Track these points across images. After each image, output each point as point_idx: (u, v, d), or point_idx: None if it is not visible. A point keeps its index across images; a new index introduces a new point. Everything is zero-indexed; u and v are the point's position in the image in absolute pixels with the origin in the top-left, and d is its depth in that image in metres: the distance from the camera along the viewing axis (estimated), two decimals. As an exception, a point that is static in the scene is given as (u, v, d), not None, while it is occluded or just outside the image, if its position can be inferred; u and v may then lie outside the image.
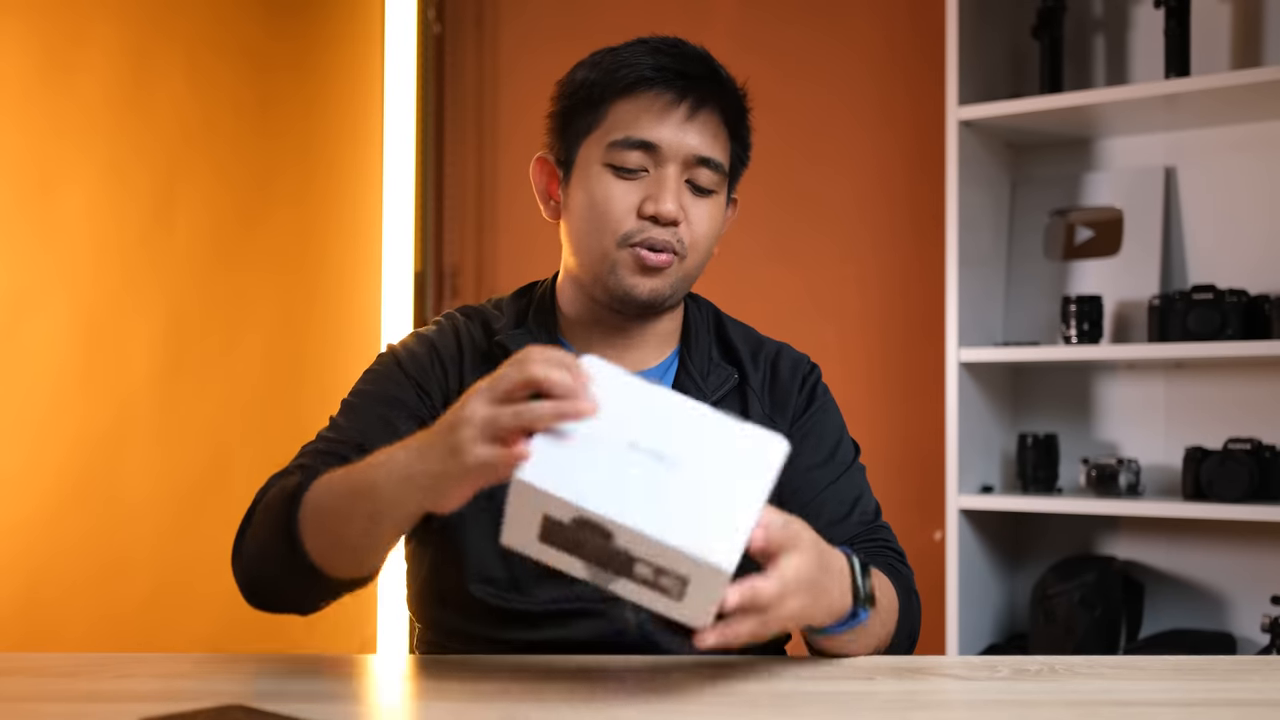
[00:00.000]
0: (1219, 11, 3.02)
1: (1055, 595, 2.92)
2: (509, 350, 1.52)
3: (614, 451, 1.10)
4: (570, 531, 1.07)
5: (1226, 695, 1.23)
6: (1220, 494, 2.77)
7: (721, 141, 1.52)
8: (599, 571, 1.09)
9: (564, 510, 1.07)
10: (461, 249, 3.94)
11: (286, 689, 1.20)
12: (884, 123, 3.42)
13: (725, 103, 1.53)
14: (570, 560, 1.09)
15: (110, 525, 2.94)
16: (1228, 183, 3.02)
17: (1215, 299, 2.79)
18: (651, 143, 1.47)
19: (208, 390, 3.19)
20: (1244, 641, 2.93)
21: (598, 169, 1.50)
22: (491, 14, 3.94)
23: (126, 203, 3.00)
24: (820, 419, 1.61)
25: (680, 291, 1.53)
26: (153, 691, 1.17)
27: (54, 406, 2.84)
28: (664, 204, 1.46)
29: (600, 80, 1.51)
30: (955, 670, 1.31)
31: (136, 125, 3.03)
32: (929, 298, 3.23)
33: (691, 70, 1.49)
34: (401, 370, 1.53)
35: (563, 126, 1.55)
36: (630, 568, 1.08)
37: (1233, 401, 2.99)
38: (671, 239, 1.48)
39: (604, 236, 1.49)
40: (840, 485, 1.57)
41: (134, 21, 3.01)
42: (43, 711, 1.11)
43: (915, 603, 1.50)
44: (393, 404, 1.49)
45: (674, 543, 1.06)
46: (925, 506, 3.23)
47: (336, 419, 1.51)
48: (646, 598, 1.09)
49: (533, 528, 1.08)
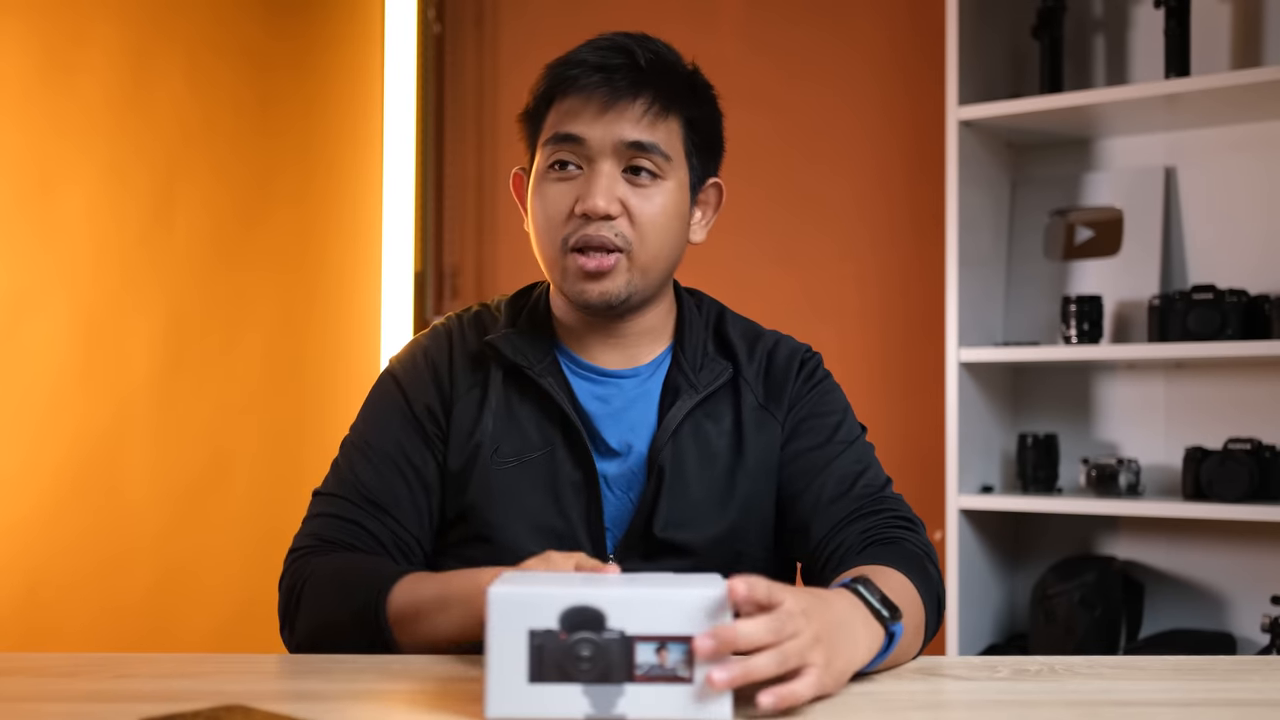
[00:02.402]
0: (1219, 11, 3.02)
1: (1055, 595, 2.91)
2: (498, 350, 1.53)
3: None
4: (558, 641, 1.05)
5: (1226, 695, 1.22)
6: (1220, 494, 2.77)
7: (657, 125, 1.48)
8: (600, 693, 1.05)
9: (550, 609, 1.05)
10: (461, 249, 3.94)
11: (286, 689, 1.20)
12: (884, 123, 3.42)
13: (653, 85, 1.48)
14: (567, 693, 1.05)
15: (109, 523, 2.94)
16: (1228, 183, 3.02)
17: (1215, 299, 2.79)
18: (574, 135, 1.47)
19: (207, 389, 3.19)
20: (1244, 641, 2.93)
21: (541, 175, 1.51)
22: (491, 14, 3.94)
23: (126, 202, 3.00)
24: (819, 401, 1.60)
25: (641, 287, 1.51)
26: (152, 691, 1.17)
27: (53, 405, 2.84)
28: (590, 199, 1.45)
29: (542, 87, 1.52)
30: (955, 670, 1.31)
31: (136, 125, 3.03)
32: (929, 297, 3.23)
33: (610, 61, 1.47)
34: (404, 397, 1.55)
35: (525, 133, 1.57)
36: (631, 661, 1.05)
37: (1233, 401, 2.98)
38: (609, 234, 1.46)
39: (551, 244, 1.50)
40: (842, 461, 1.55)
41: (134, 21, 3.01)
42: (42, 711, 1.11)
43: (934, 572, 1.46)
44: (399, 450, 1.52)
45: (668, 591, 1.06)
46: (925, 506, 3.22)
47: (348, 470, 1.53)
48: (658, 703, 1.05)
49: (519, 664, 1.05)
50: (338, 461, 1.55)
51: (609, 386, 1.56)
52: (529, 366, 1.52)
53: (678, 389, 1.55)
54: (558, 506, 1.50)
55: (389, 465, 1.52)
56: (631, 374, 1.57)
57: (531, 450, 1.51)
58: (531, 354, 1.53)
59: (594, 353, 1.57)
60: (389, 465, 1.52)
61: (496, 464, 1.50)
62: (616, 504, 1.52)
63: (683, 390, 1.55)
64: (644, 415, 1.55)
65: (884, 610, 1.21)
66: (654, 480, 1.51)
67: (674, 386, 1.56)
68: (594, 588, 1.06)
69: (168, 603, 3.06)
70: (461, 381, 1.54)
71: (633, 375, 1.57)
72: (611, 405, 1.55)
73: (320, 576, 1.44)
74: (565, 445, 1.51)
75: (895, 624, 1.22)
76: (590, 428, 1.53)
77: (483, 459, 1.50)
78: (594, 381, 1.56)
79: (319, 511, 1.52)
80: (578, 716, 1.05)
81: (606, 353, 1.57)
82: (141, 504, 3.02)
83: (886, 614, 1.21)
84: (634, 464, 1.53)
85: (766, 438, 1.57)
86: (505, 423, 1.52)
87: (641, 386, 1.57)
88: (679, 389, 1.55)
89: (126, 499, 2.99)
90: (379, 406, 1.57)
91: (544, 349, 1.55)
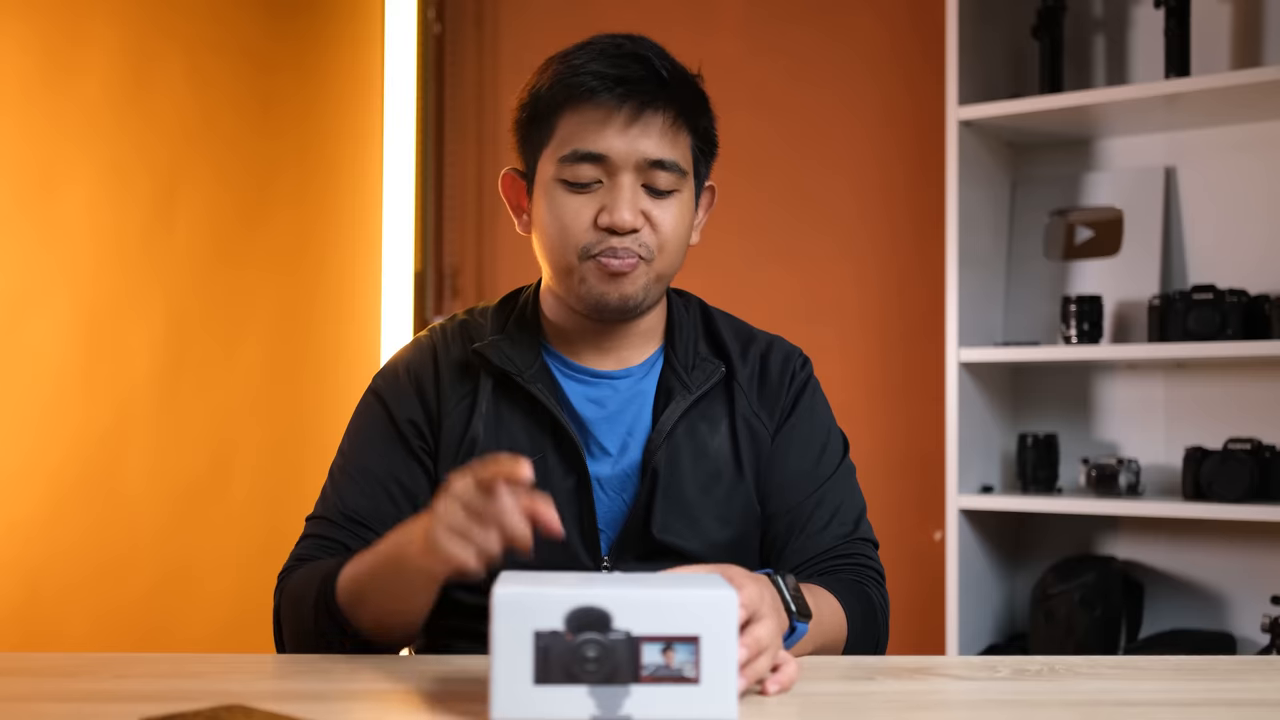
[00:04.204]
0: (1219, 11, 3.02)
1: (1055, 595, 2.91)
2: (486, 359, 1.53)
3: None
4: (564, 642, 1.04)
5: (1227, 695, 1.22)
6: (1220, 494, 2.76)
7: (675, 139, 1.48)
8: (606, 694, 1.05)
9: (555, 610, 1.05)
10: (461, 249, 3.94)
11: (286, 689, 1.20)
12: (884, 123, 3.42)
13: (675, 99, 1.48)
14: (573, 694, 1.05)
15: (110, 523, 2.94)
16: (1228, 183, 3.02)
17: (1215, 299, 2.79)
18: (598, 154, 1.45)
19: (208, 389, 3.19)
20: (1244, 641, 2.93)
21: (553, 185, 1.48)
22: (491, 14, 3.94)
23: (127, 202, 3.00)
24: (807, 420, 1.61)
25: (654, 293, 1.52)
26: (152, 691, 1.17)
27: (54, 405, 2.84)
28: (618, 214, 1.44)
29: (546, 93, 1.49)
30: (955, 670, 1.31)
31: (137, 125, 3.03)
32: (929, 297, 3.23)
33: (631, 74, 1.45)
34: (387, 413, 1.55)
35: (522, 140, 1.54)
36: (637, 661, 1.05)
37: (1233, 401, 2.98)
38: (634, 245, 1.46)
39: (567, 252, 1.48)
40: (824, 493, 1.57)
41: (135, 22, 3.01)
42: (42, 711, 1.11)
43: (879, 620, 1.52)
44: (382, 467, 1.53)
45: (674, 592, 1.06)
46: (925, 506, 3.23)
47: (333, 493, 1.54)
48: (664, 704, 1.05)
49: (525, 666, 1.04)
50: (325, 485, 1.56)
51: (602, 388, 1.56)
52: (518, 373, 1.52)
53: (671, 390, 1.55)
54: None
55: (372, 483, 1.52)
56: (624, 375, 1.57)
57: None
58: (520, 360, 1.53)
59: (585, 355, 1.57)
60: (372, 483, 1.52)
61: None
62: (610, 505, 1.52)
63: (676, 392, 1.55)
64: (639, 416, 1.55)
65: (793, 605, 1.29)
66: (648, 482, 1.50)
67: (668, 388, 1.55)
68: (600, 588, 1.06)
69: (168, 601, 3.06)
70: (449, 393, 1.54)
71: (625, 376, 1.57)
72: (606, 408, 1.55)
73: (290, 592, 1.46)
74: (556, 451, 1.51)
75: (801, 622, 1.29)
76: (585, 430, 1.53)
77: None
78: (587, 384, 1.56)
79: (305, 534, 1.54)
80: (583, 718, 1.05)
81: (598, 355, 1.57)
82: (142, 503, 3.02)
83: (794, 609, 1.29)
84: (627, 466, 1.53)
85: (758, 445, 1.57)
86: (495, 430, 1.52)
87: (635, 387, 1.57)
88: (672, 390, 1.55)
89: (127, 498, 2.99)
90: (362, 425, 1.58)
91: (532, 354, 1.55)
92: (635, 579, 1.13)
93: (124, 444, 2.99)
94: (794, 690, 1.21)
